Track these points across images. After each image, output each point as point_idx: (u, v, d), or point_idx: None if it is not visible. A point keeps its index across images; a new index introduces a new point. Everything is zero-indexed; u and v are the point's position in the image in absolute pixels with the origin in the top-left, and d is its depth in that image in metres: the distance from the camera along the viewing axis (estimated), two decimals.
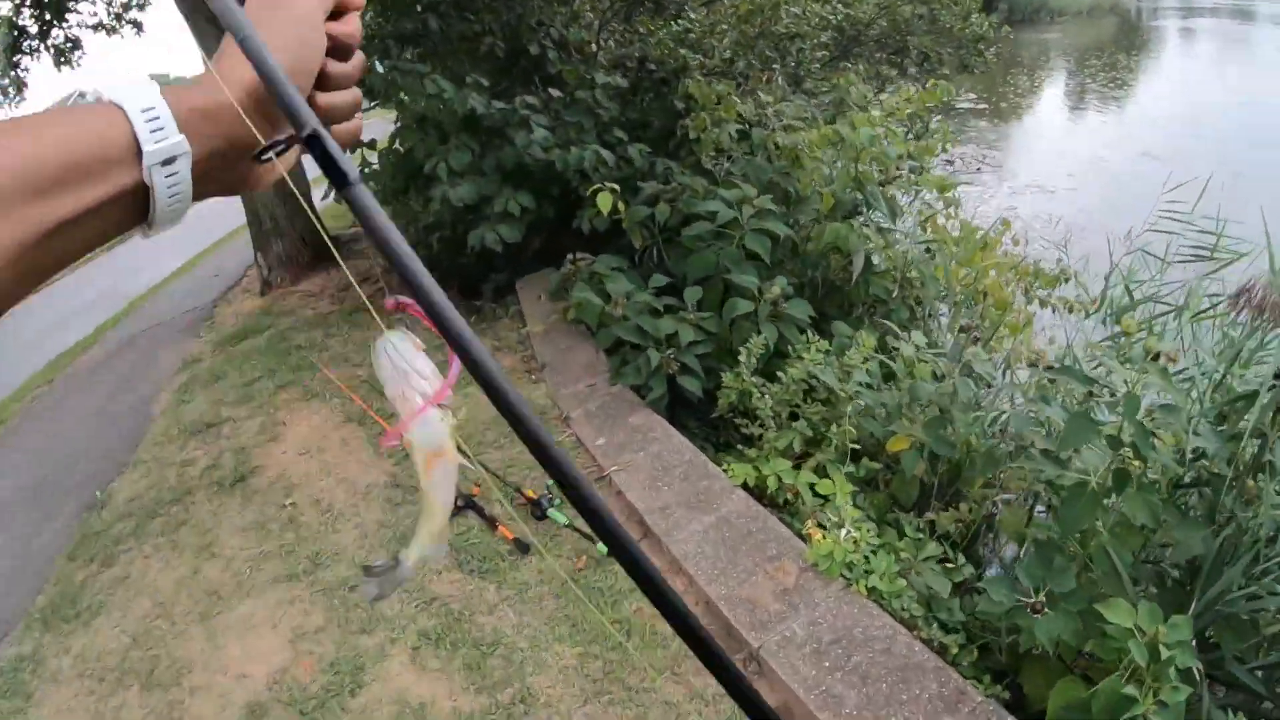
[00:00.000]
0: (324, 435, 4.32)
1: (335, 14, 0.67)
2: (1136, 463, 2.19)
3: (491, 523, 3.28)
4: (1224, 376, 2.70)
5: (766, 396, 3.33)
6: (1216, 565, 2.30)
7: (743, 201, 4.21)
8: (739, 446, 3.48)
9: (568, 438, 3.77)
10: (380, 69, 5.59)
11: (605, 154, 4.95)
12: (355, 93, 0.70)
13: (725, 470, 3.27)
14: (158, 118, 0.55)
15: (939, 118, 7.42)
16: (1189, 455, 2.45)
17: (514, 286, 5.60)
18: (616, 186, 4.28)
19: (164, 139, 0.55)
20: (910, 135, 5.98)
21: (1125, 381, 2.28)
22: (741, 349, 3.46)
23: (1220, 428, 2.42)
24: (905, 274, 4.30)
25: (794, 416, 3.37)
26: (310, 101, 0.65)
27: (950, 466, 3.11)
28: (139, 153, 0.54)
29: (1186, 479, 2.51)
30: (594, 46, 6.47)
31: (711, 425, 3.88)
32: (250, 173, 0.66)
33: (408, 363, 0.61)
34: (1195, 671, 2.01)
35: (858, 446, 3.19)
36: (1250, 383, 2.58)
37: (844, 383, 3.27)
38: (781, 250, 4.24)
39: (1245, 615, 2.25)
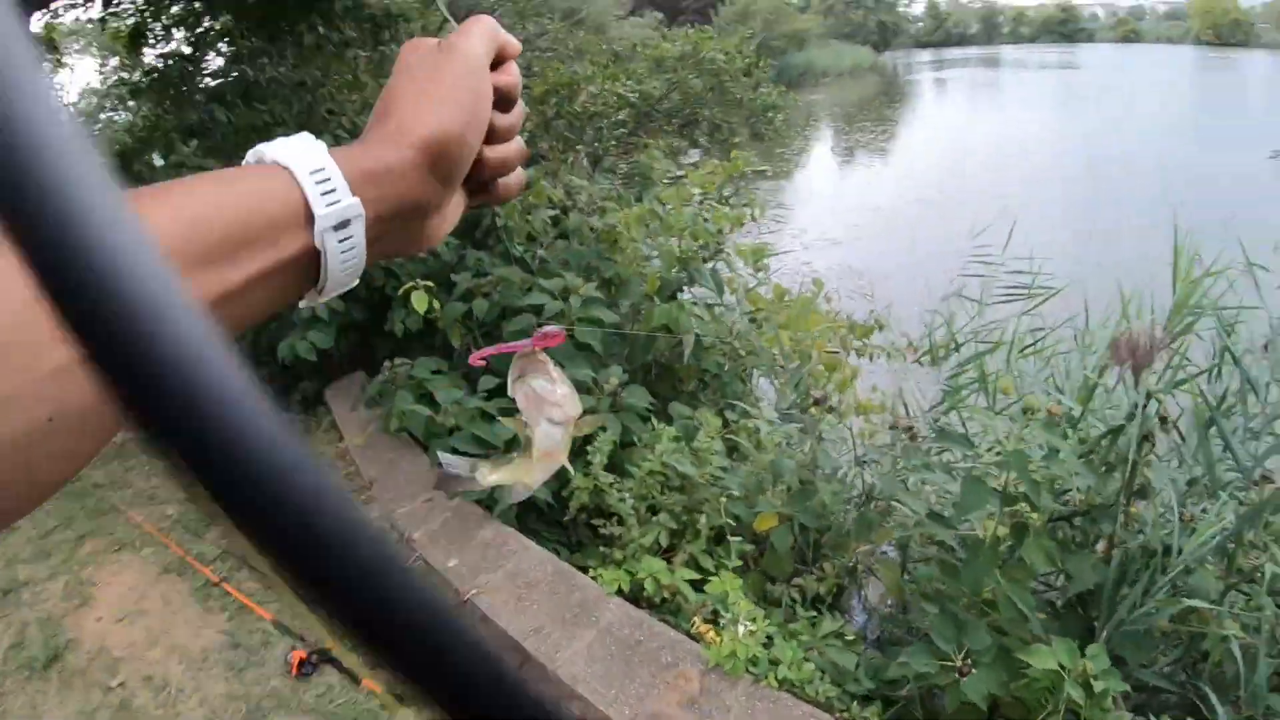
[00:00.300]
0: (142, 594, 3.76)
1: (494, 64, 0.63)
2: (1034, 515, 2.27)
3: (354, 677, 2.93)
4: (1083, 414, 2.83)
5: (625, 495, 3.19)
6: (1114, 590, 2.40)
7: (566, 291, 4.10)
8: (600, 548, 3.32)
9: (413, 562, 3.46)
10: (160, 164, 5.22)
11: None
12: (520, 144, 0.67)
13: (594, 578, 3.10)
14: (328, 179, 0.51)
15: (738, 186, 7.73)
16: (1067, 492, 2.57)
17: (323, 396, 5.22)
18: (430, 283, 4.07)
19: (336, 201, 0.51)
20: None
21: (1006, 436, 2.37)
22: (589, 447, 3.32)
23: (1089, 456, 2.53)
24: (734, 346, 4.33)
25: (653, 510, 3.25)
26: (479, 156, 0.62)
27: (817, 532, 3.10)
28: (310, 217, 0.51)
29: (1064, 514, 2.61)
30: None
31: (563, 528, 3.69)
32: (422, 232, 0.62)
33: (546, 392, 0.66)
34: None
35: (731, 524, 3.11)
36: (1109, 419, 2.73)
37: (701, 468, 3.20)
38: (611, 338, 4.16)
39: (1145, 629, 2.36)
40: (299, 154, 0.51)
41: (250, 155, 0.53)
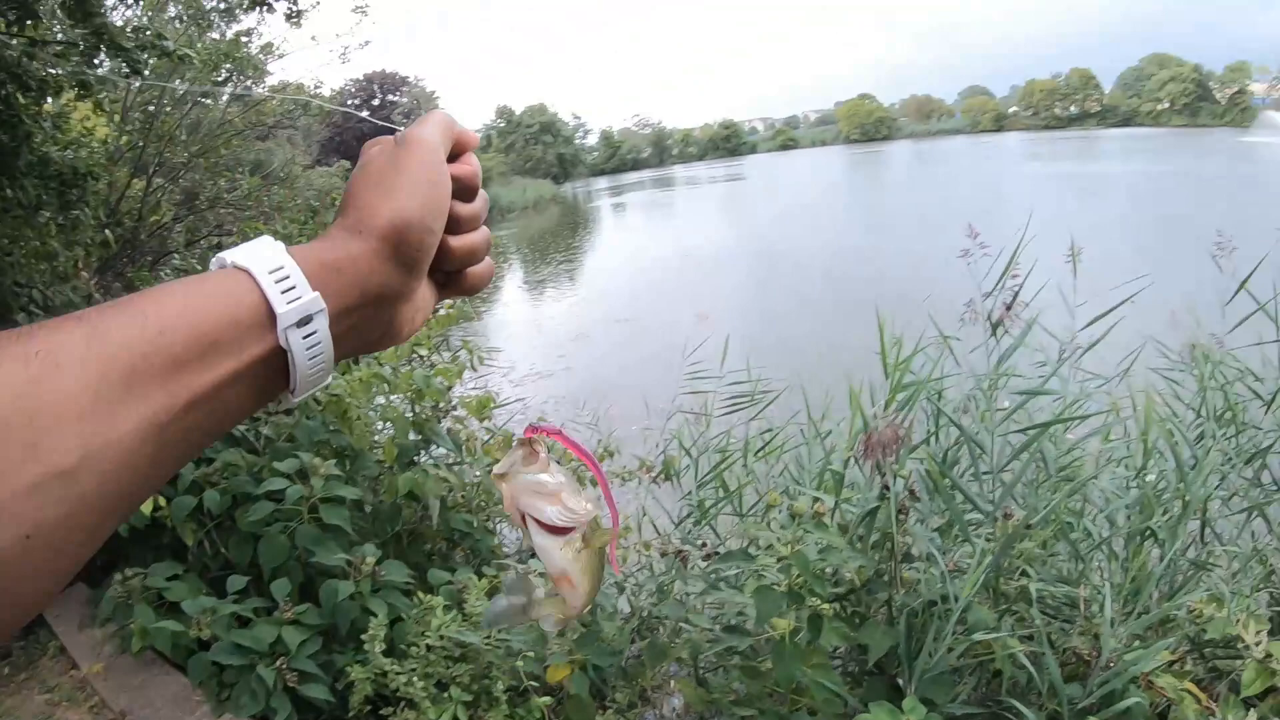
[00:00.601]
0: None
1: (452, 156, 0.65)
2: (825, 606, 2.51)
3: None
4: (836, 503, 3.16)
5: (411, 676, 3.16)
6: (908, 646, 2.69)
7: (304, 471, 4.04)
8: None
9: None
10: None
11: None
12: (486, 233, 0.68)
13: None
14: (287, 277, 0.52)
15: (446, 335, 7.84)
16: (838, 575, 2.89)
17: (42, 617, 4.61)
18: None
19: (297, 298, 0.52)
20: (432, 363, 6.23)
21: (779, 541, 2.64)
22: (364, 636, 3.26)
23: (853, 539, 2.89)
24: (479, 501, 4.45)
25: (443, 685, 3.23)
26: (444, 246, 0.63)
27: (611, 668, 3.22)
28: (272, 316, 0.51)
29: (843, 593, 2.92)
30: (91, 303, 5.86)
31: None
32: (394, 324, 0.63)
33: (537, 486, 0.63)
34: None
35: (530, 684, 3.16)
36: (859, 502, 3.07)
37: (480, 632, 3.24)
38: (356, 513, 4.12)
39: (943, 670, 2.65)
40: (258, 255, 0.53)
41: (213, 263, 0.54)
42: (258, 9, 6.65)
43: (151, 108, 8.90)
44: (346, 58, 10.95)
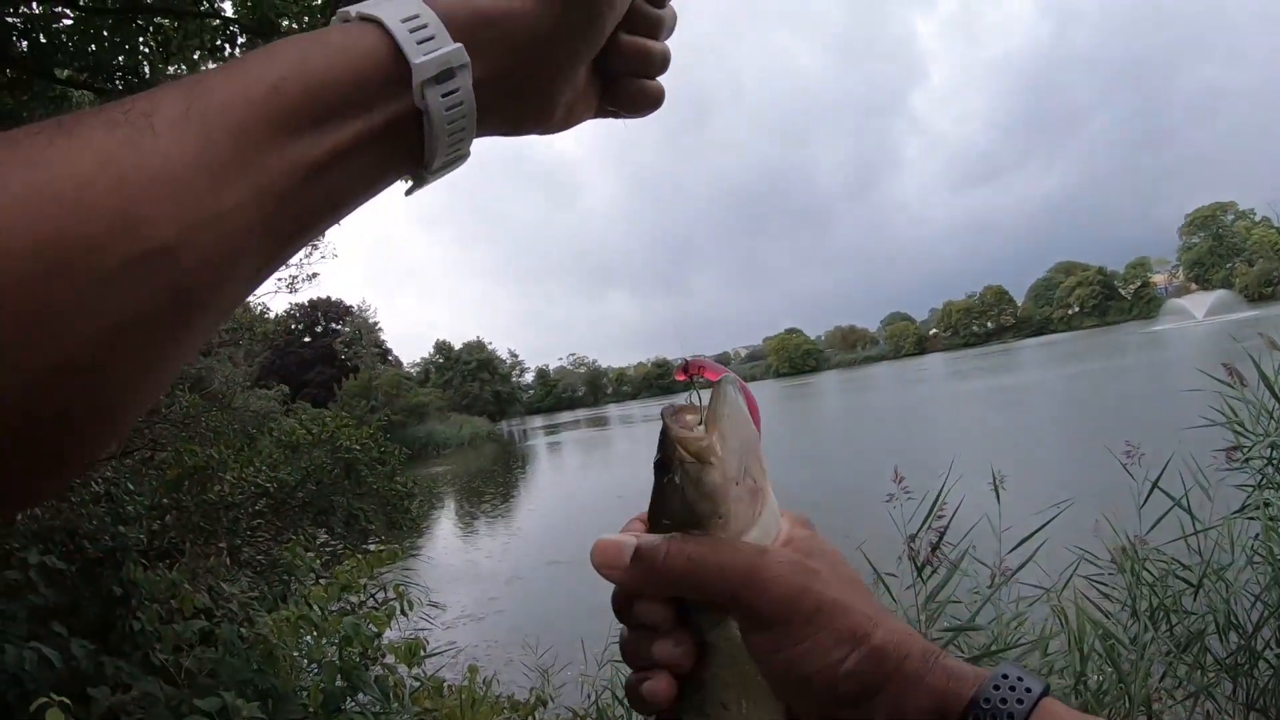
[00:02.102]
0: None
1: None
2: None
3: None
4: None
5: None
6: None
7: (226, 712, 3.91)
8: None
9: None
10: None
11: (49, 653, 4.20)
12: (665, 49, 0.59)
13: None
14: (425, 25, 0.45)
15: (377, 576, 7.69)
16: None
17: None
18: (68, 701, 3.66)
19: (435, 49, 0.45)
20: (362, 604, 6.12)
21: None
22: None
23: None
24: None
25: None
26: (616, 40, 0.56)
27: None
28: (407, 70, 0.45)
29: None
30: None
31: None
32: (547, 103, 0.54)
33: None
34: None
35: None
36: None
37: None
38: None
39: None
40: (389, 2, 0.46)
41: (335, 18, 0.48)
42: None
43: None
44: (295, 288, 11.20)
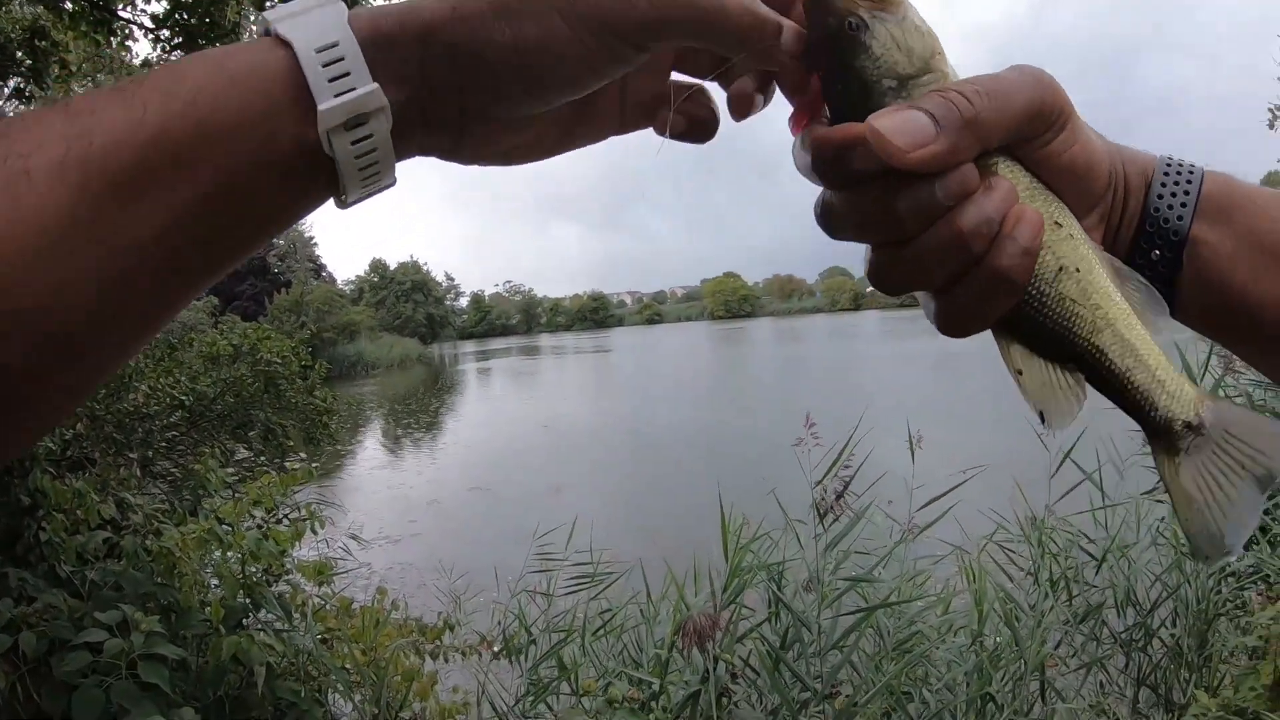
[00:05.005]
0: None
1: None
2: None
3: None
4: (662, 686, 3.18)
5: None
6: None
7: (125, 624, 3.90)
8: None
9: None
10: None
11: None
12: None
13: None
14: (341, 59, 0.40)
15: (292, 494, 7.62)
16: None
17: None
18: None
19: (346, 91, 0.40)
20: (275, 521, 6.09)
21: None
22: None
23: None
24: (307, 670, 4.35)
25: None
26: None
27: None
28: (313, 110, 0.40)
29: None
30: None
31: None
32: (481, 134, 0.47)
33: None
34: None
35: None
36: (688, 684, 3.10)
37: None
38: (178, 673, 3.97)
39: None
40: (310, 19, 0.41)
41: (260, 21, 0.44)
42: None
43: None
44: None
